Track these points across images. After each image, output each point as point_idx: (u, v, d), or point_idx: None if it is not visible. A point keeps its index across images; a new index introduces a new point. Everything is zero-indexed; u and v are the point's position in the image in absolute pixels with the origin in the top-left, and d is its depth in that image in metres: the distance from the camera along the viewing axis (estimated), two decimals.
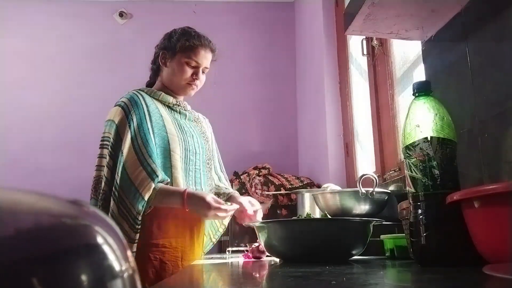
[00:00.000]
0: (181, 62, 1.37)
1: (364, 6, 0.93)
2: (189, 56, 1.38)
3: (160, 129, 1.28)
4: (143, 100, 1.31)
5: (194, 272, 0.78)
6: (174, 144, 1.28)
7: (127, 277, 0.22)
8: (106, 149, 1.26)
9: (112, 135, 1.26)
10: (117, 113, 1.29)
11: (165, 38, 1.48)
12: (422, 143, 0.68)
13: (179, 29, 1.47)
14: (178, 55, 1.38)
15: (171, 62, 1.39)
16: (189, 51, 1.38)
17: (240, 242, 2.28)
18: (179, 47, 1.38)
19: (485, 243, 0.55)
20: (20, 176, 2.99)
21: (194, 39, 1.42)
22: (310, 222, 0.97)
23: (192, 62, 1.39)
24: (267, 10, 3.59)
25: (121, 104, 1.30)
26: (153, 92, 1.38)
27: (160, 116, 1.31)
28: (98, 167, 1.28)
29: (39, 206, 0.21)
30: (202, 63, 1.43)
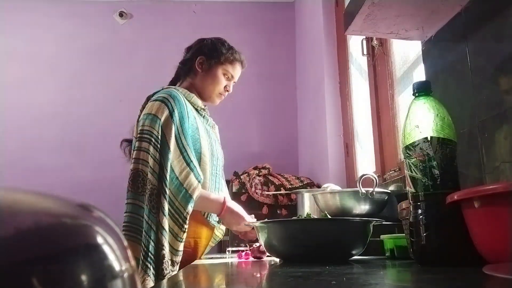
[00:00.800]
0: (220, 73, 1.42)
1: (364, 6, 0.93)
2: (229, 68, 1.44)
3: (194, 131, 1.30)
4: (183, 99, 1.31)
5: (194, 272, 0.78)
6: (205, 148, 1.30)
7: (127, 277, 0.22)
8: (147, 143, 1.22)
9: (155, 130, 1.23)
10: (160, 108, 1.25)
11: (205, 44, 1.52)
12: (422, 143, 0.68)
13: (220, 40, 1.55)
14: (220, 66, 1.42)
15: (210, 69, 1.42)
16: (231, 64, 1.44)
17: (240, 242, 2.28)
18: (224, 58, 1.43)
19: (485, 243, 0.55)
20: (20, 176, 2.99)
21: (237, 54, 1.48)
22: (310, 222, 0.97)
23: (229, 75, 1.44)
24: (267, 10, 3.59)
25: (164, 100, 1.27)
26: (187, 93, 1.38)
27: (194, 118, 1.32)
28: (137, 160, 1.22)
29: (39, 206, 0.21)
30: (236, 78, 1.50)
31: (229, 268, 0.87)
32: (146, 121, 1.26)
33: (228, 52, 1.45)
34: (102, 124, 3.25)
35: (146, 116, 1.27)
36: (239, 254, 1.19)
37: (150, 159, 1.19)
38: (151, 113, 1.26)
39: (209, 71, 1.41)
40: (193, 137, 1.28)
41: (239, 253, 1.20)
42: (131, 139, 1.40)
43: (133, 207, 1.20)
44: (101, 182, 3.08)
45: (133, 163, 1.23)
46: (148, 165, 1.19)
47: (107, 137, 3.23)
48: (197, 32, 3.52)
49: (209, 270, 0.81)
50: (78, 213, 0.22)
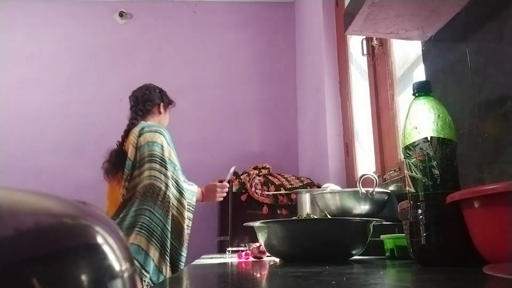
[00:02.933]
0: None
1: (364, 6, 0.93)
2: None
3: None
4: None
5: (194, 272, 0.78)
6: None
7: (127, 277, 0.22)
8: (156, 164, 1.63)
9: (159, 153, 1.65)
10: (158, 137, 1.70)
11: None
12: (422, 143, 0.68)
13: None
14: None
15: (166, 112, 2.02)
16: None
17: (240, 242, 2.28)
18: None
19: (485, 243, 0.55)
20: (20, 176, 2.99)
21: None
22: (310, 222, 0.97)
23: None
24: (267, 10, 3.59)
25: (162, 132, 1.73)
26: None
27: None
28: (150, 177, 1.61)
29: (39, 206, 0.21)
30: None
31: (229, 268, 0.87)
32: (152, 147, 1.66)
33: (166, 95, 2.01)
34: (102, 124, 3.25)
35: (152, 144, 1.67)
36: (239, 254, 1.19)
37: (165, 175, 1.62)
38: (155, 141, 1.67)
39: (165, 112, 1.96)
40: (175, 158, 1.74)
41: (239, 253, 1.20)
42: (111, 159, 1.79)
43: (147, 211, 1.54)
44: (101, 182, 3.07)
45: (147, 180, 1.60)
46: (158, 179, 1.60)
47: (107, 137, 3.23)
48: (197, 32, 3.54)
49: (209, 270, 0.81)
50: (78, 213, 0.22)
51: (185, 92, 3.39)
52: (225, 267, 0.91)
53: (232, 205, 2.48)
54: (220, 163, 3.10)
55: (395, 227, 1.07)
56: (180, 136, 3.30)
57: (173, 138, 3.28)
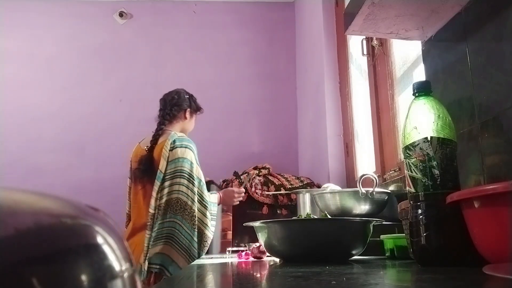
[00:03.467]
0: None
1: (364, 6, 0.93)
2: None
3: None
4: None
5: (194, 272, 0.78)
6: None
7: (127, 277, 0.22)
8: (184, 179, 1.74)
9: (188, 170, 1.76)
10: (190, 154, 1.81)
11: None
12: (422, 143, 0.68)
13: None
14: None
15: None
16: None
17: (240, 242, 2.28)
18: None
19: (485, 243, 0.55)
20: (20, 176, 2.99)
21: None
22: (310, 222, 0.97)
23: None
24: (267, 10, 3.59)
25: (192, 148, 1.84)
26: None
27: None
28: (178, 192, 1.73)
29: (39, 206, 0.21)
30: None
31: (229, 268, 0.87)
32: (181, 163, 1.76)
33: (197, 103, 2.14)
34: (102, 124, 3.25)
35: (182, 160, 1.77)
36: (239, 254, 1.19)
37: (188, 190, 1.73)
38: (183, 157, 1.77)
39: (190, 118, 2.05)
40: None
41: (239, 253, 1.20)
42: (142, 168, 1.87)
43: (176, 224, 1.67)
44: (101, 182, 3.08)
45: (172, 194, 1.72)
46: (185, 194, 1.72)
47: (107, 137, 3.24)
48: (197, 32, 3.54)
49: (209, 270, 0.81)
50: (78, 213, 0.22)
51: None
52: (225, 267, 0.91)
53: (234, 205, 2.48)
54: (220, 163, 3.10)
55: (395, 227, 1.07)
56: None
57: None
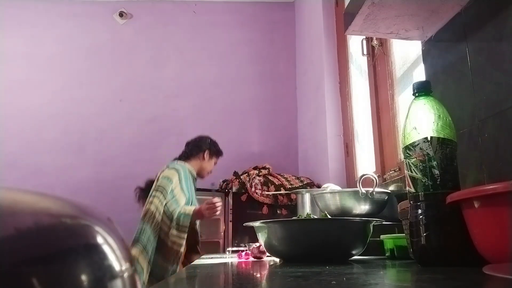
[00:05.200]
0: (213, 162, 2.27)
1: (364, 6, 0.93)
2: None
3: (188, 192, 2.09)
4: (188, 170, 2.12)
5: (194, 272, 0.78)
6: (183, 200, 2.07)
7: (127, 277, 0.22)
8: (160, 193, 1.96)
9: (166, 186, 1.97)
10: (174, 175, 2.03)
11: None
12: (422, 143, 0.68)
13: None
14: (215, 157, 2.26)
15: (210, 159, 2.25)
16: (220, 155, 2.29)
17: (240, 242, 2.28)
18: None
19: (485, 243, 0.55)
20: (20, 176, 2.99)
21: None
22: (310, 222, 0.97)
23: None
24: (267, 10, 3.59)
25: (178, 170, 2.06)
26: (191, 168, 2.19)
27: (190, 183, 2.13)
28: (151, 203, 1.95)
29: (39, 206, 0.21)
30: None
31: (229, 268, 0.87)
32: (163, 180, 2.00)
33: (218, 147, 2.28)
34: (102, 124, 3.25)
35: (165, 178, 2.01)
36: (239, 254, 1.19)
37: (159, 202, 1.92)
38: (167, 176, 2.01)
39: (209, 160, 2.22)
40: (187, 190, 2.05)
41: (239, 253, 1.20)
42: (144, 187, 2.17)
43: (145, 231, 1.88)
44: (101, 182, 3.08)
45: (148, 205, 1.95)
46: (155, 206, 1.92)
47: (107, 137, 3.24)
48: (197, 32, 3.54)
49: (209, 270, 0.81)
50: (78, 213, 0.22)
51: (185, 92, 3.39)
52: (225, 267, 0.91)
53: (234, 205, 2.49)
54: (220, 163, 3.10)
55: (395, 227, 1.07)
56: (180, 136, 3.30)
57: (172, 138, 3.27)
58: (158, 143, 3.25)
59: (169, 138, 3.27)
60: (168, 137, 3.27)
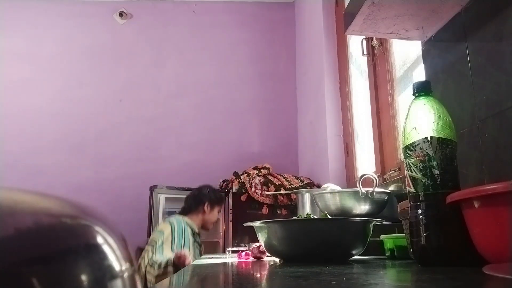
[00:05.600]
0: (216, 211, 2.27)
1: (364, 6, 0.93)
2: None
3: (180, 243, 2.09)
4: (183, 224, 2.13)
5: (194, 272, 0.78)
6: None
7: (127, 277, 0.22)
8: (150, 246, 2.01)
9: (156, 239, 2.02)
10: (167, 227, 2.08)
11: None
12: (422, 143, 0.68)
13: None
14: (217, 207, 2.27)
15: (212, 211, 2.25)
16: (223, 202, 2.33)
17: (240, 242, 2.28)
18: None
19: (485, 243, 0.55)
20: (20, 176, 2.99)
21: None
22: (310, 222, 0.97)
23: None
24: (267, 10, 3.59)
25: (172, 223, 2.09)
26: (191, 223, 2.19)
27: (187, 236, 2.13)
28: (142, 259, 2.00)
29: (39, 206, 0.21)
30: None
31: (229, 268, 0.87)
32: (156, 233, 2.07)
33: (219, 195, 2.30)
34: (102, 124, 3.25)
35: (158, 231, 2.07)
36: (239, 254, 1.19)
37: (148, 252, 1.99)
38: (160, 230, 2.06)
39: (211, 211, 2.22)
40: (179, 244, 2.06)
41: (239, 253, 1.20)
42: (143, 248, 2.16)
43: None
44: (101, 182, 3.08)
45: (140, 259, 2.01)
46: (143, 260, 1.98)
47: (107, 137, 3.24)
48: (197, 32, 3.54)
49: (209, 270, 0.81)
50: (78, 213, 0.22)
51: (185, 92, 3.39)
52: (225, 267, 0.91)
53: (234, 205, 2.49)
54: (220, 163, 3.10)
55: (395, 227, 1.07)
56: (180, 136, 3.31)
57: (172, 138, 3.27)
58: (158, 143, 3.25)
59: (169, 138, 3.27)
60: (168, 137, 3.27)
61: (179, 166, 3.16)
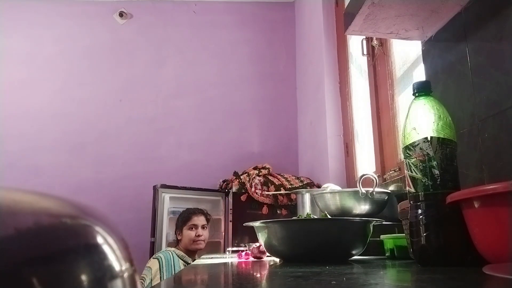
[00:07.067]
0: (186, 230, 2.28)
1: (364, 6, 0.93)
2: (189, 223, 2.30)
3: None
4: (171, 257, 2.16)
5: (194, 272, 0.78)
6: None
7: (127, 277, 0.22)
8: (140, 284, 1.99)
9: (145, 276, 2.06)
10: (155, 264, 2.11)
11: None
12: (422, 143, 0.68)
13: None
14: (184, 227, 2.29)
15: (181, 233, 2.30)
16: (189, 220, 2.29)
17: (240, 242, 2.29)
18: (182, 222, 2.30)
19: (485, 243, 0.55)
20: (20, 175, 2.99)
21: (191, 209, 2.34)
22: (310, 222, 0.97)
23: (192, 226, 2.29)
24: (267, 10, 3.59)
25: (159, 258, 2.14)
26: (180, 253, 2.22)
27: (177, 267, 2.16)
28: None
29: (39, 206, 0.21)
30: (199, 223, 2.29)
31: (229, 268, 0.87)
32: (144, 270, 2.09)
33: (183, 214, 2.32)
34: (102, 124, 3.25)
35: (146, 268, 2.11)
36: (239, 254, 1.19)
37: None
38: (148, 266, 2.11)
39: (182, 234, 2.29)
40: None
41: (239, 253, 1.20)
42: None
43: None
44: (101, 182, 3.08)
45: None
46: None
47: (107, 137, 3.24)
48: (197, 32, 3.55)
49: (209, 270, 0.81)
50: (78, 213, 0.22)
51: (185, 92, 3.39)
52: (225, 267, 0.91)
53: (234, 205, 2.49)
54: (220, 163, 3.10)
55: (395, 227, 1.07)
56: (180, 136, 3.31)
57: (172, 138, 3.27)
58: (158, 143, 3.26)
59: (169, 138, 3.27)
60: (168, 137, 3.27)
61: (179, 166, 3.16)
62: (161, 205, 2.60)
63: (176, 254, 2.19)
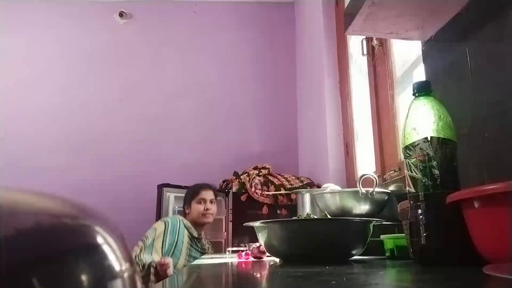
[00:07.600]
0: (195, 204, 2.28)
1: (364, 6, 0.93)
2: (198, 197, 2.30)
3: (172, 244, 2.12)
4: (179, 225, 2.16)
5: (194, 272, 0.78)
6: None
7: (127, 277, 0.22)
8: (141, 241, 2.06)
9: (148, 235, 2.08)
10: (160, 225, 2.13)
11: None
12: (422, 143, 0.68)
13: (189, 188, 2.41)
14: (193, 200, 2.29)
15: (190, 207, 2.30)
16: (198, 194, 2.29)
17: (240, 242, 2.28)
18: (191, 196, 2.31)
19: (485, 243, 0.55)
20: (20, 176, 2.99)
21: (200, 184, 2.35)
22: (310, 222, 0.97)
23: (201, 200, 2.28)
24: (267, 10, 3.59)
25: (166, 221, 2.15)
26: (187, 224, 2.22)
27: (180, 238, 2.15)
28: (133, 252, 1.99)
29: (39, 206, 0.21)
30: (208, 198, 2.29)
31: (229, 268, 0.87)
32: (149, 230, 2.11)
33: (192, 188, 2.33)
34: (102, 124, 3.25)
35: (152, 228, 2.12)
36: (239, 254, 1.19)
37: (137, 248, 2.02)
38: (154, 227, 2.13)
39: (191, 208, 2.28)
40: (170, 245, 2.08)
41: (239, 253, 1.20)
42: None
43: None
44: (101, 182, 3.08)
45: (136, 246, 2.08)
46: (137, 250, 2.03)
47: (107, 137, 3.24)
48: (197, 32, 3.55)
49: (209, 270, 0.81)
50: (78, 213, 0.22)
51: (185, 92, 3.39)
52: (225, 267, 0.91)
53: (234, 205, 2.49)
54: (220, 163, 3.10)
55: (395, 227, 1.07)
56: (181, 136, 3.31)
57: (172, 138, 3.27)
58: (158, 143, 3.26)
59: (169, 138, 3.27)
60: (168, 137, 3.27)
61: (179, 166, 3.15)
62: (166, 204, 2.60)
63: (184, 224, 2.18)
